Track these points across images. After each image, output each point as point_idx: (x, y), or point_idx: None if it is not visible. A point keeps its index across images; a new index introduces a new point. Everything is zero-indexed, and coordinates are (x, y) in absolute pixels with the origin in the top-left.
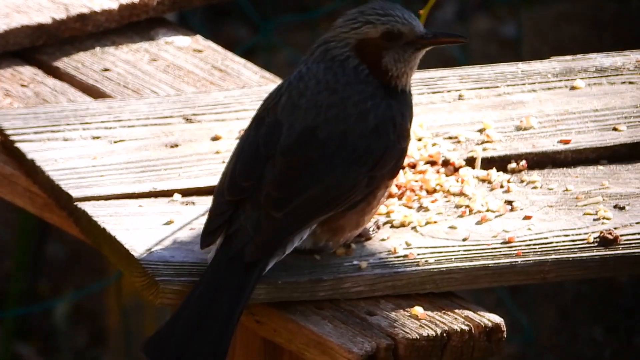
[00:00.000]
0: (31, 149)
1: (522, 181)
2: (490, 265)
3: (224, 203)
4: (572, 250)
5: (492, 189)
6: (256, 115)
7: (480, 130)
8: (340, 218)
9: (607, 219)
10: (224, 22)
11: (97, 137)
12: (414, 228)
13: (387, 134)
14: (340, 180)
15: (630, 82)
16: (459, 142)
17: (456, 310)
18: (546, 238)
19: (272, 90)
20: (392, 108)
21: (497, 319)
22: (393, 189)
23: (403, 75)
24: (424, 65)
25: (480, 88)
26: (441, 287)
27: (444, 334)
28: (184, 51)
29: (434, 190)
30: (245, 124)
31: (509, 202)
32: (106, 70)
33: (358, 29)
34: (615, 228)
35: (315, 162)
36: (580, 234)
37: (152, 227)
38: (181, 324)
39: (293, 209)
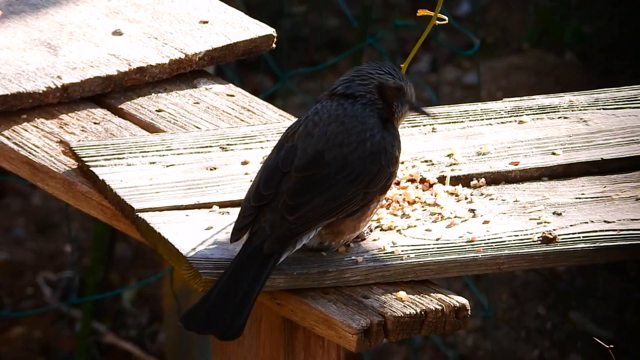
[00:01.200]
0: (102, 172)
1: (482, 194)
2: (457, 259)
3: (249, 208)
4: (521, 247)
5: (458, 200)
6: (278, 142)
7: (449, 155)
8: (341, 223)
9: (548, 222)
10: (251, 73)
11: (153, 163)
12: (398, 231)
13: (380, 159)
14: (341, 194)
15: (565, 117)
16: (432, 164)
17: (431, 294)
18: (501, 238)
19: (293, 123)
20: (385, 139)
21: (463, 300)
22: (382, 201)
23: (400, 119)
24: None
25: (449, 123)
26: (420, 276)
27: (422, 312)
28: (220, 96)
29: (414, 202)
30: (267, 152)
31: (472, 210)
32: (160, 111)
33: (382, 75)
34: (554, 229)
35: (321, 178)
36: (527, 234)
37: (196, 232)
38: (210, 302)
39: (303, 214)
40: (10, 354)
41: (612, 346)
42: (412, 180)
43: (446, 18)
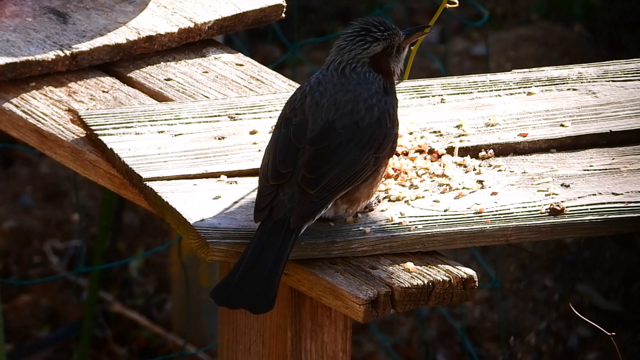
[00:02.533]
0: (110, 141)
1: (490, 165)
2: (465, 230)
3: (269, 187)
4: (528, 218)
5: (467, 172)
6: (282, 115)
7: (458, 126)
8: (356, 191)
9: (556, 194)
10: (260, 43)
11: (162, 132)
12: (406, 201)
13: (386, 123)
14: (356, 162)
15: (574, 89)
16: (441, 135)
17: (439, 265)
18: (508, 209)
19: (294, 94)
20: (387, 103)
21: (470, 271)
22: (390, 171)
23: (397, 72)
24: (415, 76)
25: (458, 93)
26: (427, 247)
27: (430, 283)
28: (229, 65)
29: (423, 173)
30: (275, 121)
31: (480, 182)
32: (168, 79)
33: (368, 48)
34: (562, 201)
35: (336, 148)
36: (535, 206)
37: (204, 201)
38: (238, 276)
39: (324, 186)
40: (18, 322)
41: (613, 333)
42: (421, 151)
43: (457, 0)
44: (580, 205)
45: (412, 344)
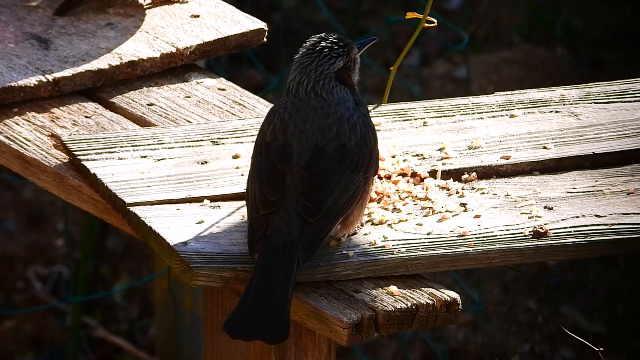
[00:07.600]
0: (93, 166)
1: (473, 188)
2: (448, 254)
3: (260, 217)
4: (512, 241)
5: (449, 195)
6: (260, 141)
7: (440, 149)
8: (350, 215)
9: (539, 217)
10: (241, 67)
11: (144, 157)
12: (389, 225)
13: (370, 140)
14: (349, 185)
15: (556, 111)
16: (424, 158)
17: (422, 288)
18: (492, 232)
19: (269, 119)
20: (366, 117)
21: (454, 294)
22: (373, 194)
23: (356, 83)
24: (397, 99)
25: (440, 116)
26: (411, 270)
27: (413, 307)
28: (211, 90)
29: (405, 196)
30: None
31: (463, 205)
32: (151, 104)
33: (334, 63)
34: (545, 224)
35: (330, 173)
36: (518, 229)
37: (187, 226)
38: (248, 307)
39: (324, 214)
40: (2, 347)
41: (602, 349)
42: (404, 174)
43: (435, 21)
44: (564, 228)
45: None
